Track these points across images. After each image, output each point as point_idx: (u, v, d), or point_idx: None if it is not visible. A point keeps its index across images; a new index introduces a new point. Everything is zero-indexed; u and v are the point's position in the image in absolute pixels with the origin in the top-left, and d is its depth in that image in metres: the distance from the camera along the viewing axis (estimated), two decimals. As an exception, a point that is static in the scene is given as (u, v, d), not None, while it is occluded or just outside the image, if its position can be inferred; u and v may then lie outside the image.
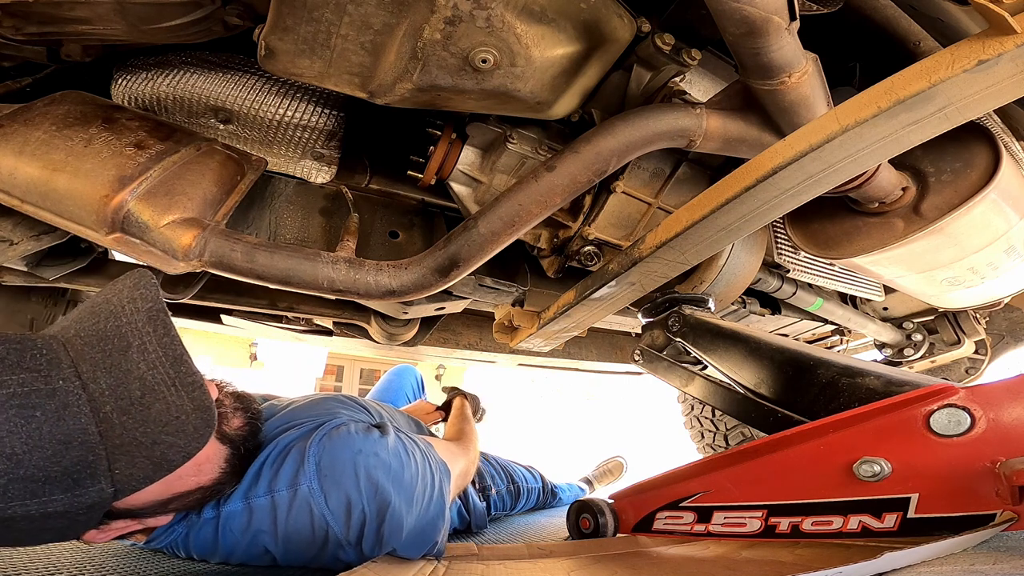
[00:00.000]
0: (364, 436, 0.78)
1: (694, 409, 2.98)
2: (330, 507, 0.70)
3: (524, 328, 1.31)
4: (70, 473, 0.50)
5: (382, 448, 0.78)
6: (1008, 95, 0.57)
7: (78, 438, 0.51)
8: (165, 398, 0.55)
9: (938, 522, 0.63)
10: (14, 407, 0.48)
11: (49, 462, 0.49)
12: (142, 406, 0.54)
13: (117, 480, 0.54)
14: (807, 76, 0.72)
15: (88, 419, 0.52)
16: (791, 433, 0.75)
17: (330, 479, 0.71)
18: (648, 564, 0.77)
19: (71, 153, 0.77)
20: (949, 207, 0.91)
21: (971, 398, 0.62)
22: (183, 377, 0.56)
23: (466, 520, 1.28)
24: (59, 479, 0.50)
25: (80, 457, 0.51)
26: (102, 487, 0.53)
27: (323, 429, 0.78)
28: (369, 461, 0.74)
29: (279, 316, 1.58)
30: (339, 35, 0.72)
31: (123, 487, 0.55)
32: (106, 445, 0.52)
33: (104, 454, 0.52)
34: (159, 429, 0.54)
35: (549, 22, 0.75)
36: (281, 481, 0.71)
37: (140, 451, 0.54)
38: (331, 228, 1.15)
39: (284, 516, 0.70)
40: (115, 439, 0.53)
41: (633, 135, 0.80)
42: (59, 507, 0.51)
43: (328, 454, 0.73)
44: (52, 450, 0.49)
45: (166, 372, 0.56)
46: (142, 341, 0.56)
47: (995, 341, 2.08)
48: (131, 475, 0.54)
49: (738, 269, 1.21)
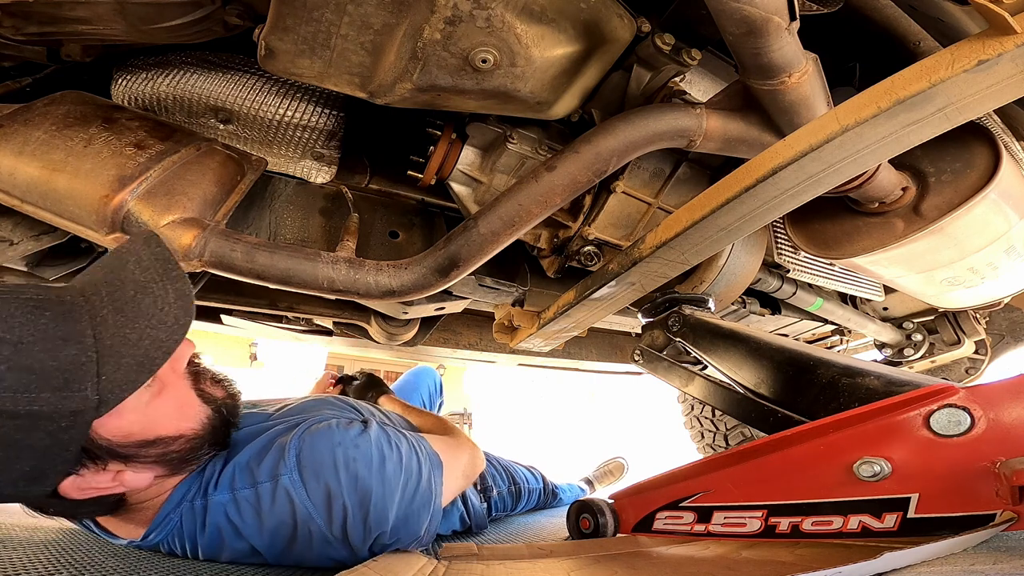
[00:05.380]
0: (344, 430, 0.79)
1: (694, 409, 2.98)
2: (311, 498, 0.71)
3: (524, 328, 1.31)
4: (63, 370, 0.55)
5: (363, 440, 0.79)
6: (1008, 95, 0.57)
7: (75, 337, 0.57)
8: (153, 292, 0.62)
9: (938, 522, 0.63)
10: (29, 307, 0.57)
11: (48, 355, 0.55)
12: (134, 304, 0.61)
13: (102, 388, 0.58)
14: (807, 76, 0.72)
15: (86, 323, 0.59)
16: (791, 433, 0.75)
17: (309, 470, 0.73)
18: (648, 564, 0.77)
19: (71, 153, 0.77)
20: (949, 207, 0.91)
21: (971, 398, 0.62)
22: (170, 272, 0.64)
23: (467, 523, 1.28)
24: (52, 375, 0.55)
25: (74, 356, 0.56)
26: (87, 394, 0.57)
27: (305, 424, 0.80)
28: (349, 453, 0.76)
29: (279, 316, 1.58)
30: (339, 35, 0.72)
31: (107, 395, 0.58)
32: (98, 348, 0.58)
33: (95, 357, 0.57)
34: (145, 323, 0.60)
35: (549, 22, 0.75)
36: (263, 473, 0.73)
37: (127, 349, 0.59)
38: (331, 228, 1.15)
39: (268, 508, 0.71)
40: (107, 340, 0.59)
41: (633, 135, 0.80)
42: (44, 407, 0.54)
43: (308, 447, 0.75)
44: (52, 344, 0.55)
45: (156, 271, 0.63)
46: (138, 256, 0.64)
47: (995, 341, 2.08)
48: (115, 379, 0.58)
49: (738, 269, 1.21)
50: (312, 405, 0.97)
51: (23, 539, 0.81)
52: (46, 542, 0.80)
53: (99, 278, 0.63)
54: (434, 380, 2.12)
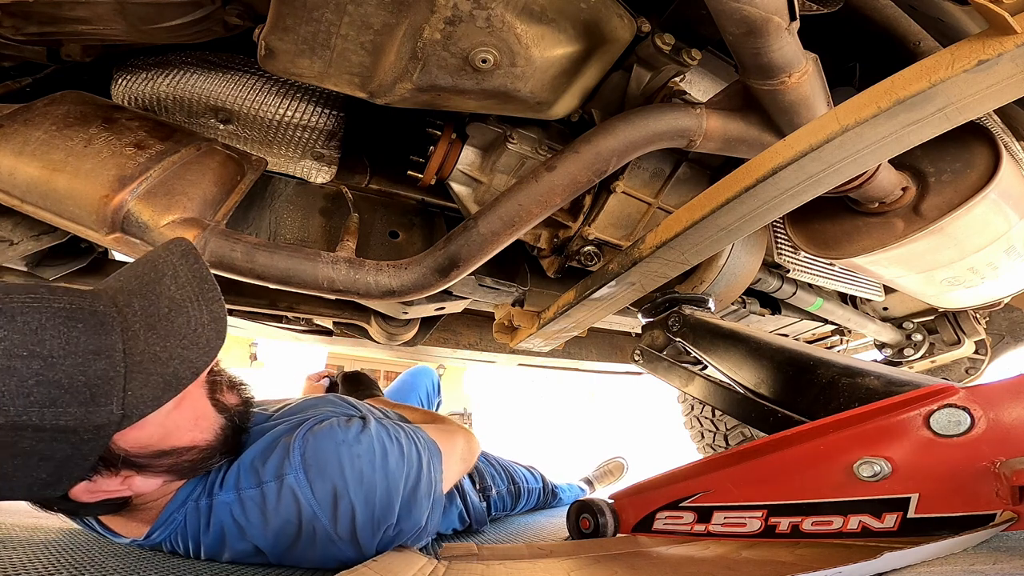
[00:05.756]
0: (345, 428, 0.80)
1: (694, 409, 2.98)
2: (316, 497, 0.72)
3: (524, 328, 1.31)
4: (90, 385, 0.55)
5: (365, 436, 0.80)
6: (1008, 95, 0.57)
7: (106, 351, 0.56)
8: (187, 312, 0.61)
9: (938, 522, 0.63)
10: (61, 318, 0.55)
11: (77, 370, 0.54)
12: (167, 321, 0.60)
13: (127, 402, 0.57)
14: (807, 76, 0.72)
15: (118, 337, 0.57)
16: (791, 433, 0.75)
17: (315, 469, 0.73)
18: (648, 564, 0.77)
19: (71, 153, 0.77)
20: (949, 207, 0.91)
21: (971, 398, 0.62)
22: (206, 292, 0.62)
23: (466, 520, 1.28)
24: (79, 390, 0.54)
25: (103, 371, 0.55)
26: (112, 409, 0.56)
27: (307, 424, 0.80)
28: (352, 450, 0.77)
29: (279, 316, 1.58)
30: (339, 35, 0.72)
31: (131, 411, 0.58)
32: (127, 363, 0.57)
33: (123, 372, 0.57)
34: (177, 343, 0.59)
35: (549, 22, 0.75)
36: (268, 472, 0.73)
37: (156, 367, 0.58)
38: (331, 228, 1.15)
39: (273, 507, 0.71)
40: (136, 355, 0.58)
41: (633, 135, 0.80)
42: (70, 421, 0.54)
43: (312, 446, 0.75)
44: (82, 359, 0.54)
45: (192, 290, 0.62)
46: (175, 271, 0.63)
47: (995, 341, 2.08)
48: (141, 395, 0.58)
49: (738, 269, 1.21)
50: (311, 404, 0.97)
51: (23, 539, 0.81)
52: (46, 542, 0.80)
53: (134, 287, 0.62)
54: (432, 380, 2.13)
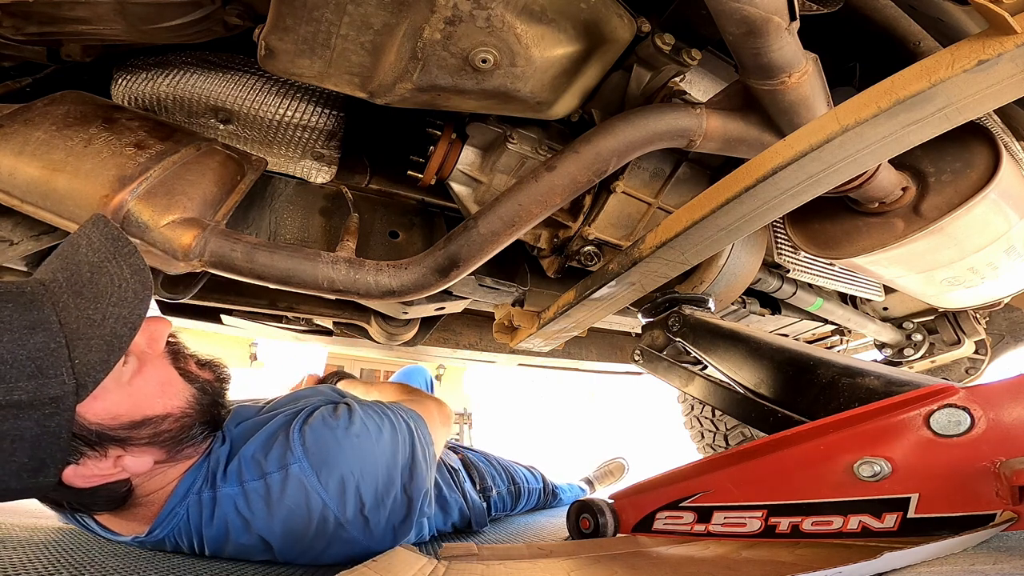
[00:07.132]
0: (336, 415, 0.84)
1: (694, 409, 2.98)
2: (323, 484, 0.74)
3: (524, 328, 1.31)
4: (34, 358, 0.56)
5: (356, 418, 0.84)
6: (1008, 95, 0.57)
7: (41, 324, 0.58)
8: (108, 271, 0.62)
9: (938, 522, 0.62)
10: None
11: (15, 345, 0.56)
12: (92, 284, 0.62)
13: (77, 370, 0.58)
14: (807, 76, 0.72)
15: (50, 310, 0.59)
16: (791, 433, 0.75)
17: (318, 457, 0.75)
18: (648, 564, 0.77)
19: (71, 153, 0.77)
20: (949, 207, 0.91)
21: (971, 398, 0.62)
22: (120, 249, 0.64)
23: (466, 516, 1.28)
24: (23, 363, 0.56)
25: (43, 343, 0.57)
26: (63, 379, 0.58)
27: (302, 415, 0.83)
28: (349, 432, 0.80)
29: (279, 316, 1.58)
30: (339, 35, 0.72)
31: (83, 378, 0.59)
32: (65, 332, 0.59)
33: (64, 342, 0.58)
34: (106, 302, 0.61)
35: (549, 22, 0.75)
36: (271, 463, 0.74)
37: (93, 330, 0.60)
38: (331, 228, 1.15)
39: (278, 497, 0.72)
40: (72, 323, 0.59)
41: (633, 135, 0.80)
42: (23, 396, 0.55)
43: (311, 435, 0.78)
44: (19, 334, 0.56)
45: (108, 250, 0.63)
46: (89, 239, 0.64)
47: (995, 341, 2.08)
48: (88, 361, 0.59)
49: (738, 269, 1.21)
50: (303, 395, 1.00)
51: (23, 539, 0.81)
52: (46, 542, 0.80)
53: (55, 266, 0.64)
54: (425, 379, 2.14)
